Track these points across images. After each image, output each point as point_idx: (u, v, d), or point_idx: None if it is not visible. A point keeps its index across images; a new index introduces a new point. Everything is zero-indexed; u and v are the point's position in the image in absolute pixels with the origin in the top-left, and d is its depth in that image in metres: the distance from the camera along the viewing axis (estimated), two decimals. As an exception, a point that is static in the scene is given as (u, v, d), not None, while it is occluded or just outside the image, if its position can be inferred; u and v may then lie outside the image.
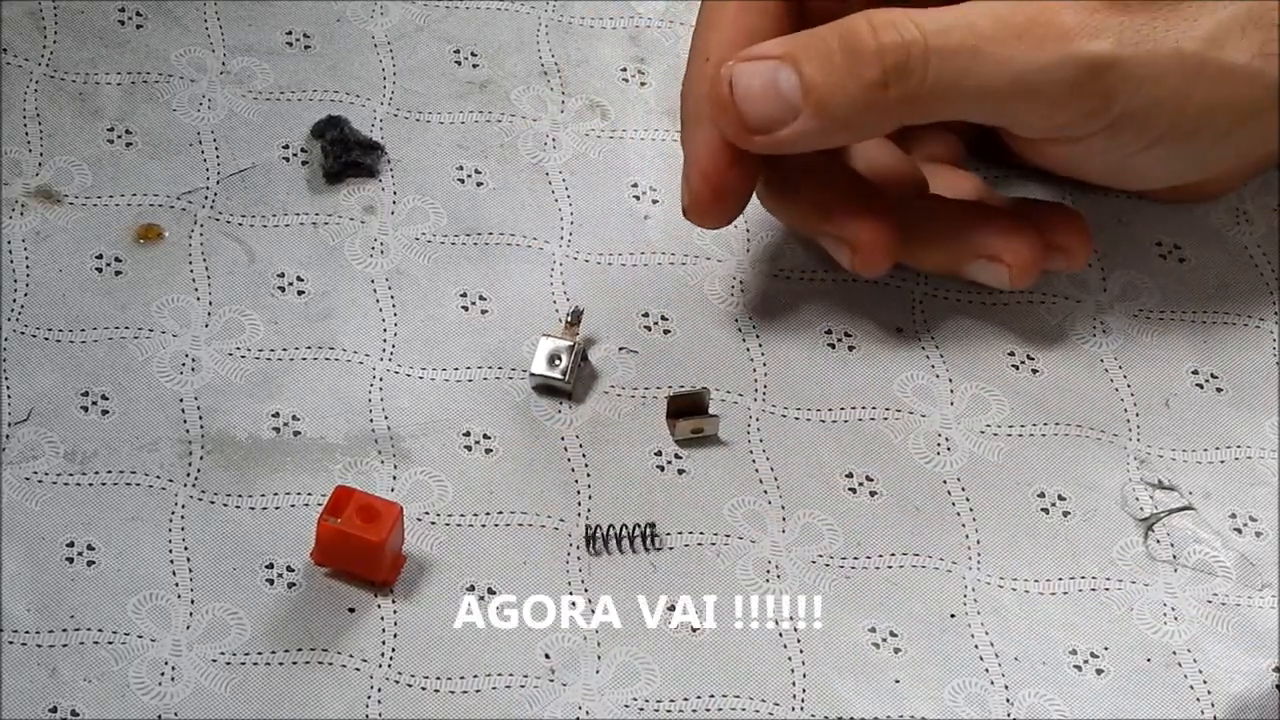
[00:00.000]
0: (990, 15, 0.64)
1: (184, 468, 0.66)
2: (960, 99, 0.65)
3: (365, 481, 0.66)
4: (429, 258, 0.72)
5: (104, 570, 0.63)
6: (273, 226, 0.72)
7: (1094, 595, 0.65)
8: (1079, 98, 0.64)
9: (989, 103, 0.65)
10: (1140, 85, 0.64)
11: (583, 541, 0.65)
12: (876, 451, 0.68)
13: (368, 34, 0.77)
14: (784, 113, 0.65)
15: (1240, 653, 0.63)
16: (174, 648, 0.62)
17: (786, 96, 0.64)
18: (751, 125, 0.65)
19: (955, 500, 0.67)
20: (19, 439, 0.66)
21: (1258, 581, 0.65)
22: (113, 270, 0.70)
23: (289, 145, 0.74)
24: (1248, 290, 0.73)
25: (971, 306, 0.71)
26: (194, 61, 0.76)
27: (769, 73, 0.65)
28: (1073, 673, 0.63)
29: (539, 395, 0.68)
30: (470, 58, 0.77)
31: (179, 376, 0.68)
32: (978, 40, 0.63)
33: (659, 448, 0.67)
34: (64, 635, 0.62)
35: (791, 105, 0.64)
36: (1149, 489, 0.67)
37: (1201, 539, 0.66)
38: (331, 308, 0.70)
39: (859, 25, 0.64)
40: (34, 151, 0.73)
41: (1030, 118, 0.65)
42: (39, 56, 0.76)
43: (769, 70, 0.65)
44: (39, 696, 0.60)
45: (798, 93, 0.64)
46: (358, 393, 0.68)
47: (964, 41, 0.63)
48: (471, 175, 0.74)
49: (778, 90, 0.64)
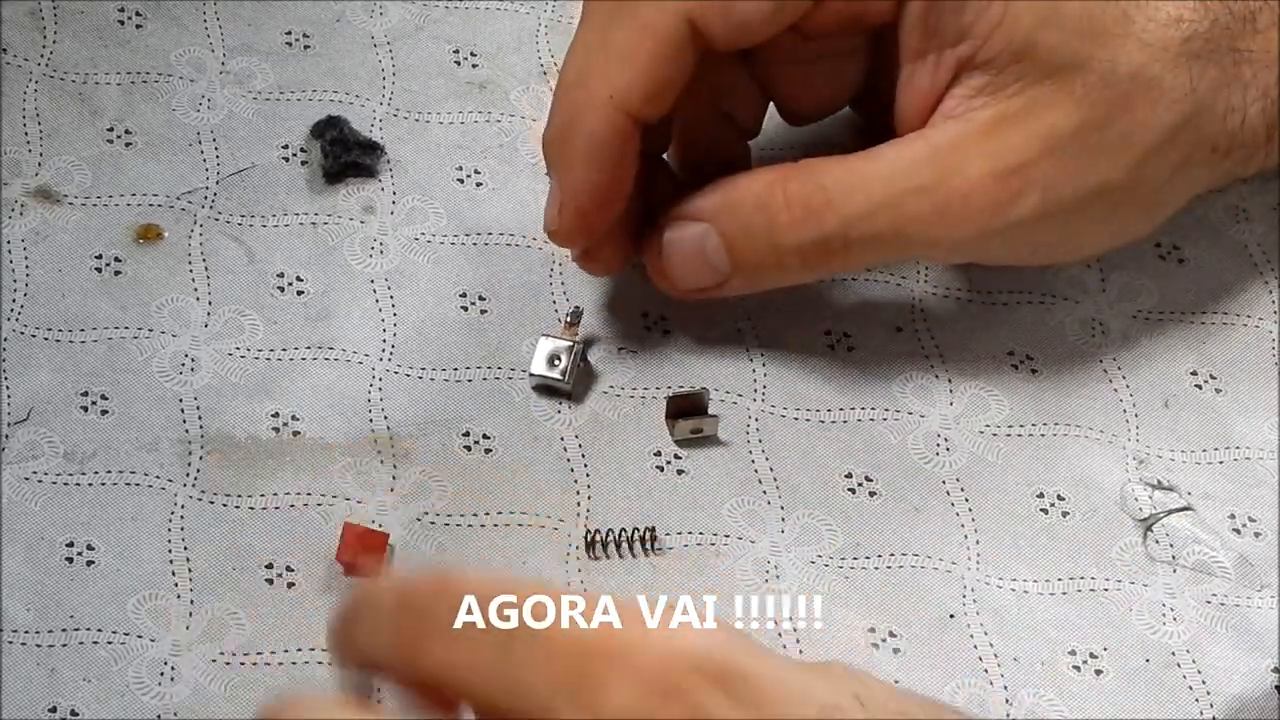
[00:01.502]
0: (917, 191, 0.63)
1: (183, 468, 0.66)
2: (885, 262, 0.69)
3: (364, 482, 0.66)
4: (428, 258, 0.72)
5: (103, 570, 0.63)
6: (272, 226, 0.72)
7: (1093, 595, 0.65)
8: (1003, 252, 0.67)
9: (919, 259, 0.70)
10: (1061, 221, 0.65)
11: (582, 542, 0.65)
12: (876, 451, 0.68)
13: (367, 34, 0.77)
14: (714, 278, 0.66)
15: (1239, 653, 0.64)
16: (173, 648, 0.62)
17: (714, 262, 0.65)
18: (684, 287, 0.67)
19: (954, 500, 0.67)
20: (19, 439, 0.66)
21: (1257, 582, 0.65)
22: (112, 270, 0.70)
23: (288, 145, 0.74)
24: (1247, 290, 0.72)
25: (971, 306, 0.71)
26: (194, 61, 0.76)
27: (698, 239, 0.65)
28: (1072, 673, 0.63)
29: (538, 395, 0.68)
30: (470, 58, 0.77)
31: (178, 376, 0.68)
32: (903, 223, 0.64)
33: (658, 448, 0.67)
34: (63, 635, 0.62)
35: (720, 270, 0.66)
36: (1148, 489, 0.67)
37: (1200, 539, 0.66)
38: (331, 308, 0.70)
39: (778, 210, 0.64)
40: (33, 151, 0.73)
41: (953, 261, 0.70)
42: (39, 56, 0.76)
43: (698, 236, 0.65)
44: (38, 696, 0.60)
45: (725, 259, 0.65)
46: (357, 393, 0.68)
47: (888, 227, 0.64)
48: (471, 175, 0.74)
49: (705, 257, 0.65)
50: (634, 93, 0.63)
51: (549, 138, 0.66)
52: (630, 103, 0.63)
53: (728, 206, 0.65)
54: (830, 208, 0.64)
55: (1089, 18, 0.63)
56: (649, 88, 0.63)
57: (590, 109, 0.64)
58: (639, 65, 0.63)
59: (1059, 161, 0.63)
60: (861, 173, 0.64)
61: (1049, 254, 0.68)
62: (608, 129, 0.64)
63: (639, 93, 0.63)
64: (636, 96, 0.63)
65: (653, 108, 0.64)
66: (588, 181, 0.65)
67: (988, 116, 0.63)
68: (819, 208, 0.64)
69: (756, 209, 0.65)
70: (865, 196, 0.64)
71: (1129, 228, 0.67)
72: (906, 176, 0.64)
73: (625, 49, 0.63)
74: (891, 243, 0.65)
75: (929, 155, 0.64)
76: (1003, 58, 0.63)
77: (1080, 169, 0.64)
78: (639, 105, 0.63)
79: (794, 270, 0.65)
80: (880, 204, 0.63)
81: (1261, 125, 0.65)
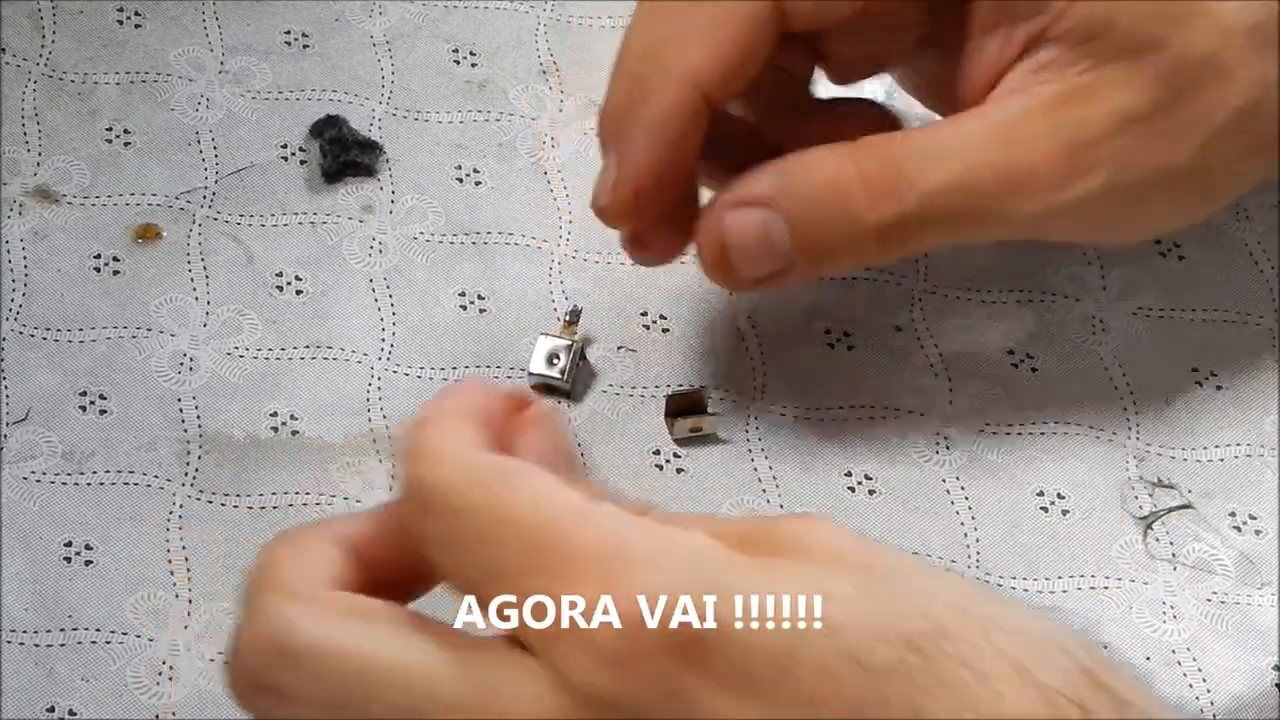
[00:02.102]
0: (989, 166, 0.61)
1: (182, 467, 0.66)
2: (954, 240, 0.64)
3: (364, 481, 0.66)
4: (427, 257, 0.72)
5: (102, 570, 0.63)
6: (271, 226, 0.72)
7: (1093, 594, 0.65)
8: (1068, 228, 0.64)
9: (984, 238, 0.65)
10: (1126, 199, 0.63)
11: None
12: (876, 450, 0.68)
13: (366, 33, 0.77)
14: (778, 264, 0.62)
15: (1240, 651, 0.63)
16: (172, 647, 0.62)
17: (779, 248, 0.62)
18: (744, 277, 0.63)
19: (954, 499, 0.67)
20: (17, 439, 0.66)
21: (1257, 580, 0.65)
22: (111, 270, 0.70)
23: (287, 145, 0.74)
24: (1247, 289, 0.72)
25: (971, 305, 0.71)
26: (192, 61, 0.76)
27: (760, 224, 0.61)
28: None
29: (537, 395, 0.68)
30: (469, 57, 0.77)
31: (177, 376, 0.68)
32: (976, 199, 0.62)
33: (658, 446, 0.67)
34: (62, 635, 0.62)
35: (785, 256, 0.62)
36: (1148, 487, 0.67)
37: (1201, 537, 0.66)
38: (330, 307, 0.70)
39: (853, 190, 0.61)
40: (32, 151, 0.73)
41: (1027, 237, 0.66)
42: (37, 56, 0.76)
43: (760, 222, 0.61)
44: (37, 696, 0.60)
45: (790, 245, 0.62)
46: (356, 392, 0.68)
47: (963, 203, 0.61)
48: (470, 174, 0.74)
49: (770, 243, 0.62)
50: (712, 72, 0.60)
51: (610, 109, 0.62)
52: (707, 82, 0.60)
53: (794, 188, 0.61)
54: (909, 185, 0.61)
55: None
56: (727, 69, 0.60)
57: (662, 84, 0.61)
58: (719, 45, 0.60)
59: (1127, 140, 0.62)
60: (933, 148, 0.62)
61: (1111, 233, 0.66)
62: (680, 106, 0.61)
63: (717, 73, 0.60)
64: (715, 76, 0.60)
65: (728, 89, 0.61)
66: (650, 159, 0.61)
67: (1054, 91, 0.62)
68: (897, 186, 0.61)
69: (828, 190, 0.61)
70: (940, 172, 0.61)
71: (1191, 211, 0.66)
72: (977, 151, 0.61)
73: (705, 26, 0.60)
74: (966, 219, 0.62)
75: (998, 130, 0.62)
76: (1076, 34, 0.61)
77: (1148, 149, 0.62)
78: (715, 85, 0.61)
79: (870, 254, 0.62)
80: (956, 179, 0.61)
81: None
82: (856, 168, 0.61)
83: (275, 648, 0.45)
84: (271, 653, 0.45)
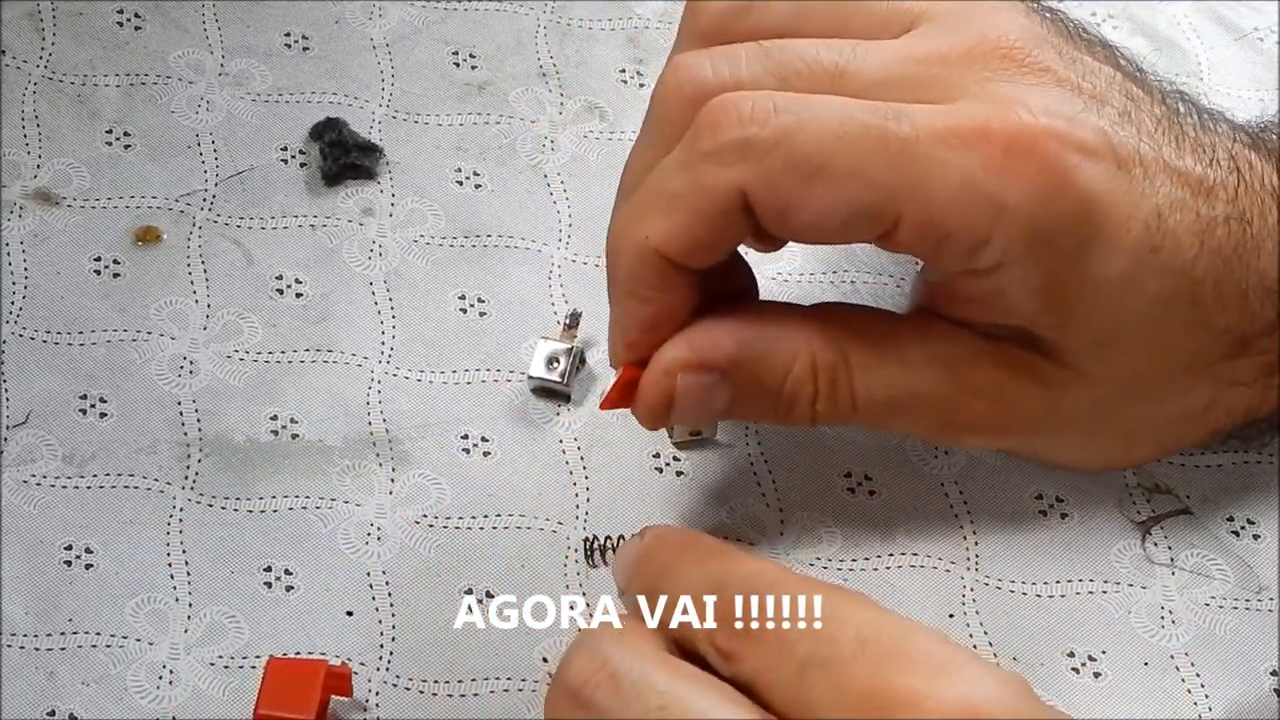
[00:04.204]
0: (929, 404, 0.62)
1: (182, 470, 0.66)
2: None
3: (363, 484, 0.66)
4: (427, 260, 0.72)
5: (102, 573, 0.63)
6: (271, 229, 0.72)
7: (1092, 598, 0.65)
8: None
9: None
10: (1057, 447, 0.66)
11: (581, 544, 0.65)
12: (875, 452, 0.68)
13: (366, 36, 0.77)
14: (706, 420, 0.65)
15: (1238, 656, 0.63)
16: (172, 651, 0.62)
17: (715, 409, 0.62)
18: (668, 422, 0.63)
19: (954, 502, 0.67)
20: (17, 442, 0.66)
21: (1255, 585, 0.65)
22: (111, 272, 0.70)
23: (287, 147, 0.74)
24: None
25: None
26: (192, 63, 0.76)
27: (706, 391, 0.62)
28: (1070, 675, 0.63)
29: (537, 398, 0.68)
30: (469, 59, 0.77)
31: (177, 379, 0.68)
32: (908, 422, 0.63)
33: (657, 450, 0.67)
34: (62, 638, 0.62)
35: (717, 413, 0.62)
36: (1146, 492, 0.67)
37: (1199, 542, 0.66)
38: (330, 310, 0.70)
39: (803, 384, 0.61)
40: (32, 153, 0.73)
41: None
42: (37, 58, 0.76)
43: (706, 389, 0.62)
44: (37, 700, 0.60)
45: (727, 405, 0.62)
46: (356, 395, 0.68)
47: (895, 420, 0.63)
48: (470, 177, 0.74)
49: (708, 403, 0.62)
50: (670, 242, 0.60)
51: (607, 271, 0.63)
52: (666, 249, 0.60)
53: (749, 363, 0.62)
54: (852, 394, 0.62)
55: (1157, 344, 0.62)
56: (687, 242, 0.60)
57: (626, 244, 0.61)
58: (681, 219, 0.60)
59: (1056, 422, 0.63)
60: (884, 358, 0.62)
61: (1049, 461, 0.67)
62: (642, 263, 0.61)
63: (676, 244, 0.60)
64: (673, 245, 0.60)
65: (693, 259, 0.61)
66: (626, 315, 0.62)
67: (1006, 354, 0.62)
68: (842, 392, 0.62)
69: (780, 377, 0.62)
70: (884, 389, 0.62)
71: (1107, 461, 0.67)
72: (922, 376, 0.62)
73: (675, 199, 0.60)
74: (892, 426, 0.64)
75: (945, 365, 0.62)
76: (1047, 342, 0.62)
77: (1082, 435, 0.64)
78: (675, 253, 0.60)
79: (794, 426, 0.63)
80: (895, 400, 0.62)
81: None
82: (811, 360, 0.61)
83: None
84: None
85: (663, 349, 0.61)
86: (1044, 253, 0.59)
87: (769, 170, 0.58)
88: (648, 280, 0.61)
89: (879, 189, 0.58)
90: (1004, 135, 0.58)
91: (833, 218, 0.59)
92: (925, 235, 0.59)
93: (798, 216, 0.59)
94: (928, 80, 0.59)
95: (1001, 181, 0.58)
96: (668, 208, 0.60)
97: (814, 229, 0.60)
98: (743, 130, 0.58)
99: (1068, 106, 0.59)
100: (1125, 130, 0.60)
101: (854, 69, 0.60)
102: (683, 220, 0.60)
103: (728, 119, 0.59)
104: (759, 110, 0.59)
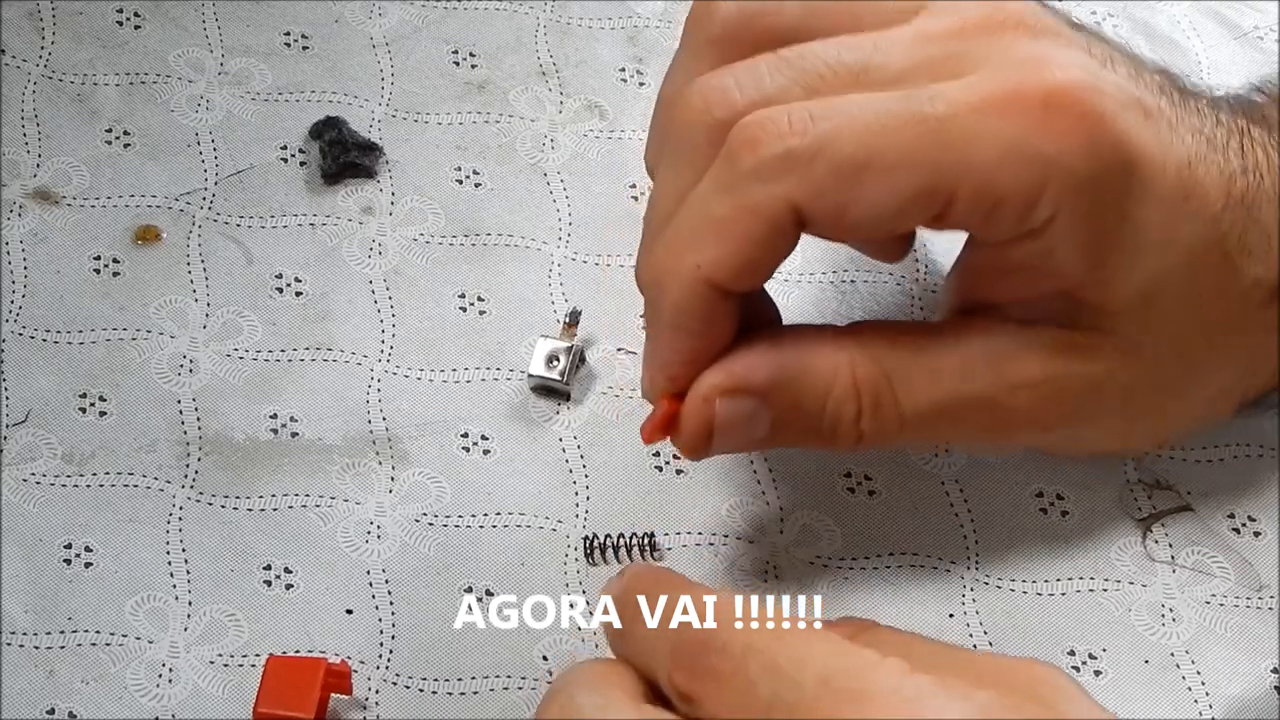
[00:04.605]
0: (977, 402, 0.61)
1: (182, 469, 0.66)
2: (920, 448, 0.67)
3: (363, 483, 0.66)
4: (427, 258, 0.72)
5: (102, 572, 0.63)
6: (271, 227, 0.72)
7: (1092, 596, 0.65)
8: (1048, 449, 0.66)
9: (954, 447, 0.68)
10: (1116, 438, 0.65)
11: (581, 543, 0.65)
12: (875, 451, 0.68)
13: (366, 35, 0.77)
14: (749, 446, 0.63)
15: (1239, 654, 0.63)
16: (171, 649, 0.62)
17: (756, 434, 0.61)
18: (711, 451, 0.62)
19: (954, 500, 0.67)
20: (17, 440, 0.66)
21: (1256, 582, 0.65)
22: (111, 271, 0.70)
23: (287, 146, 0.74)
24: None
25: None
26: (192, 62, 0.76)
27: (748, 417, 0.61)
28: (1071, 673, 0.63)
29: (537, 396, 0.68)
30: (468, 58, 0.77)
31: (177, 378, 0.68)
32: (958, 428, 0.62)
33: (657, 449, 0.67)
34: (62, 637, 0.62)
35: (759, 438, 0.62)
36: (1147, 489, 0.67)
37: (1200, 540, 0.66)
38: (329, 309, 0.70)
39: (846, 401, 0.61)
40: (32, 152, 0.73)
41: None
42: (37, 57, 0.76)
43: (748, 415, 0.61)
44: (37, 698, 0.60)
45: (768, 429, 0.61)
46: (356, 394, 0.68)
47: (945, 429, 0.62)
48: (470, 176, 0.74)
49: (750, 430, 0.61)
50: (722, 268, 0.59)
51: (645, 302, 0.62)
52: (718, 276, 0.60)
53: (789, 384, 0.60)
54: (897, 405, 0.61)
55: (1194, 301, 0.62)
56: (740, 266, 0.59)
57: (675, 277, 0.60)
58: (732, 244, 0.59)
59: (1107, 399, 0.62)
60: (927, 364, 0.61)
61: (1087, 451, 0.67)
62: (693, 296, 0.60)
63: (728, 269, 0.59)
64: (725, 272, 0.59)
65: (743, 283, 0.60)
66: (673, 349, 0.61)
67: (1051, 339, 0.61)
68: (886, 403, 0.61)
69: (822, 393, 0.61)
70: (929, 395, 0.61)
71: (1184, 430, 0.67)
72: (969, 381, 0.61)
73: (722, 224, 0.59)
74: (943, 438, 0.65)
75: (990, 362, 0.61)
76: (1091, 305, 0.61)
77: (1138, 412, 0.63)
78: (727, 280, 0.60)
79: (839, 450, 0.62)
80: (943, 405, 0.61)
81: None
82: (852, 376, 0.61)
83: None
84: None
85: (701, 377, 0.61)
86: (1092, 202, 0.59)
87: (816, 178, 0.58)
88: (697, 313, 0.60)
89: (927, 171, 0.58)
90: (1039, 94, 0.58)
91: (887, 209, 0.59)
92: (979, 206, 0.59)
93: (852, 216, 0.59)
94: (950, 57, 0.59)
95: (1045, 138, 0.58)
96: (717, 234, 0.59)
97: (870, 224, 0.59)
98: (783, 143, 0.58)
99: (1089, 62, 0.60)
100: (1140, 87, 0.60)
101: (877, 63, 0.60)
102: (733, 245, 0.59)
103: (766, 134, 0.58)
104: (796, 121, 0.58)
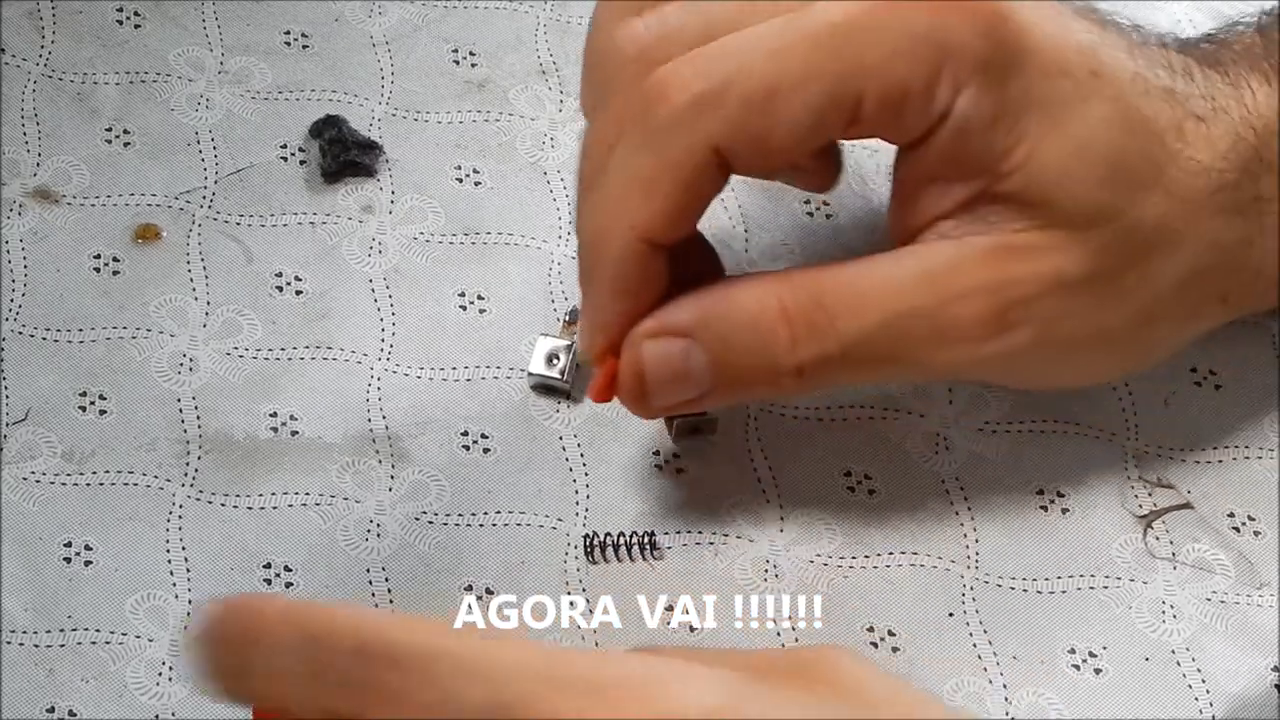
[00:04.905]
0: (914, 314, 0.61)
1: (182, 467, 0.66)
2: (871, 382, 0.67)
3: (363, 481, 0.66)
4: (427, 257, 0.72)
5: (102, 570, 0.63)
6: (271, 226, 0.72)
7: (1092, 593, 0.65)
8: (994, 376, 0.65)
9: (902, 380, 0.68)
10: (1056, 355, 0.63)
11: (581, 541, 0.65)
12: (875, 450, 0.68)
13: (366, 34, 0.77)
14: (692, 393, 0.62)
15: (1239, 651, 0.63)
16: (172, 648, 0.62)
17: (696, 378, 0.61)
18: (656, 406, 0.62)
19: (954, 499, 0.67)
20: (17, 439, 0.66)
21: (1256, 580, 0.65)
22: (110, 270, 0.70)
23: (287, 145, 0.74)
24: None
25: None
26: (192, 61, 0.76)
27: (679, 355, 0.61)
28: (1071, 671, 0.63)
29: (537, 395, 0.68)
30: (469, 57, 0.77)
31: (177, 376, 0.68)
32: (899, 347, 0.61)
33: (657, 447, 0.67)
34: (61, 635, 0.62)
35: (699, 384, 0.62)
36: (1148, 487, 0.67)
37: (1200, 537, 0.66)
38: (329, 307, 0.70)
39: (776, 328, 0.60)
40: (32, 151, 0.73)
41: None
42: (37, 56, 0.76)
43: (679, 352, 0.61)
44: (36, 697, 0.60)
45: (707, 374, 0.61)
46: (356, 392, 0.68)
47: (885, 350, 0.61)
48: (470, 175, 0.74)
49: (687, 373, 0.61)
50: (656, 224, 0.60)
51: (580, 270, 0.63)
52: (651, 232, 0.60)
53: (715, 322, 0.61)
54: (832, 327, 0.61)
55: (1120, 167, 0.61)
56: (671, 219, 0.60)
57: (611, 238, 0.61)
58: (661, 198, 0.60)
59: (1060, 302, 0.61)
60: (860, 289, 0.61)
61: (1041, 382, 0.66)
62: (629, 257, 0.61)
63: (661, 224, 0.60)
64: (659, 227, 0.60)
65: (674, 233, 0.61)
66: (613, 310, 0.62)
67: (987, 244, 0.61)
68: (820, 327, 0.61)
69: (750, 327, 0.61)
70: (865, 317, 0.61)
71: (1127, 365, 0.66)
72: (905, 297, 0.61)
73: (650, 182, 0.60)
74: (887, 364, 0.62)
75: (926, 276, 0.61)
76: (1021, 197, 0.61)
77: (1081, 312, 0.62)
78: (661, 234, 0.61)
79: (787, 389, 0.62)
80: (880, 325, 0.61)
81: (1275, 269, 0.64)
82: (780, 304, 0.61)
83: None
84: None
85: (634, 329, 0.62)
86: (989, 74, 0.59)
87: (730, 115, 0.59)
88: (633, 272, 0.61)
89: (831, 80, 0.59)
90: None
91: (802, 126, 0.59)
92: (887, 102, 0.59)
93: (772, 142, 0.60)
94: None
95: (932, 25, 0.59)
96: (645, 192, 0.60)
97: (790, 146, 0.60)
98: (692, 90, 0.59)
99: None
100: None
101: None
102: (662, 199, 0.60)
103: (674, 83, 0.60)
104: (700, 65, 0.60)
